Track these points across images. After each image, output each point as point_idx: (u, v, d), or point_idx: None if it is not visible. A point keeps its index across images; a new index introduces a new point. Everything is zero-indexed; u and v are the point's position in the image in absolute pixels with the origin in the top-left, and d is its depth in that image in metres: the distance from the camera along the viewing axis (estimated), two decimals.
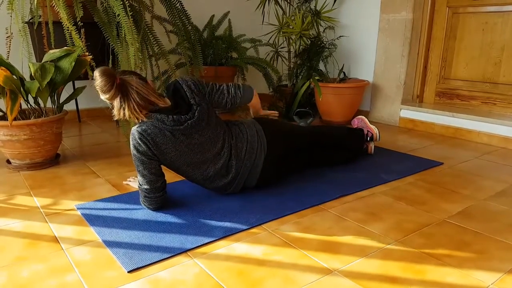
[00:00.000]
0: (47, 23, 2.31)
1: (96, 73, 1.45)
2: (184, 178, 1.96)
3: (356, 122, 2.39)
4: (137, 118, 1.50)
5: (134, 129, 1.52)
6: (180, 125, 1.53)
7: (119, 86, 1.44)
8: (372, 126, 2.31)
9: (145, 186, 1.56)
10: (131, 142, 1.54)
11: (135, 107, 1.47)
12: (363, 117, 2.37)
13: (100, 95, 1.47)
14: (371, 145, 2.36)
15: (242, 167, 1.69)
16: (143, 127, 1.52)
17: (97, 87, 1.45)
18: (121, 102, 1.46)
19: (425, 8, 3.00)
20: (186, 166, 1.61)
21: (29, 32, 2.52)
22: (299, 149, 1.97)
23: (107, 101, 1.49)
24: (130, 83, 1.46)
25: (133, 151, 1.53)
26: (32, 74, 1.89)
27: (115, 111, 1.49)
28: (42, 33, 2.40)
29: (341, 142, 2.16)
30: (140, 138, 1.51)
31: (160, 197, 1.59)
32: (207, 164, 1.63)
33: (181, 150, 1.56)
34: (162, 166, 1.60)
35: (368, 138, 2.30)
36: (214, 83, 1.70)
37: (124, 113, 1.47)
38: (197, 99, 1.58)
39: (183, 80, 1.61)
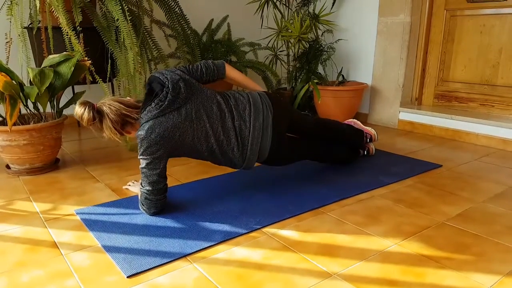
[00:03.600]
0: (46, 28, 2.32)
1: (75, 106, 1.60)
2: (182, 182, 1.97)
3: None
4: (114, 136, 1.61)
5: (136, 134, 1.57)
6: (163, 103, 1.55)
7: (96, 110, 1.58)
8: (368, 128, 2.31)
9: (147, 187, 1.56)
10: (138, 146, 1.57)
11: (110, 125, 1.58)
12: (355, 120, 2.36)
13: (82, 122, 1.59)
14: (372, 146, 2.36)
15: (250, 129, 1.67)
16: (140, 128, 1.55)
17: (76, 116, 1.59)
18: (100, 124, 1.59)
19: (423, 11, 3.01)
20: (197, 139, 1.61)
21: (28, 37, 2.53)
22: (302, 130, 1.97)
23: (92, 129, 1.61)
24: (104, 103, 1.59)
25: (139, 152, 1.57)
26: (31, 79, 1.89)
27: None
28: (41, 38, 2.41)
29: (342, 136, 2.15)
30: (142, 139, 1.53)
31: (160, 200, 1.59)
32: (214, 131, 1.63)
33: (182, 127, 1.57)
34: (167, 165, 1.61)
35: (368, 140, 2.30)
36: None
37: (105, 133, 1.60)
38: (168, 76, 1.61)
39: (157, 71, 1.67)
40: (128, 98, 1.69)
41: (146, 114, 1.55)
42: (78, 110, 1.57)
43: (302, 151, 1.97)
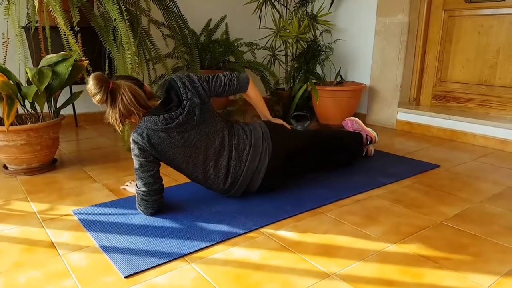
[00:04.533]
0: (44, 28, 2.31)
1: (90, 77, 1.51)
2: (179, 183, 1.96)
3: (350, 125, 2.37)
4: (117, 126, 1.56)
5: (132, 134, 1.56)
6: (172, 122, 1.54)
7: (109, 90, 1.50)
8: (369, 129, 2.31)
9: (143, 188, 1.56)
10: (131, 147, 1.56)
11: (117, 116, 1.53)
12: (357, 119, 2.36)
13: (92, 98, 1.52)
14: (371, 148, 2.36)
15: (244, 170, 1.67)
16: (138, 131, 1.54)
17: (88, 90, 1.51)
18: (109, 107, 1.54)
19: (421, 11, 3.02)
20: (185, 164, 1.61)
21: (25, 37, 2.52)
22: (300, 153, 1.96)
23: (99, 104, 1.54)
24: (119, 88, 1.51)
25: (132, 154, 1.56)
26: (30, 79, 1.89)
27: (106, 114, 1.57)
28: (39, 38, 2.40)
29: (340, 145, 2.16)
30: (136, 142, 1.53)
31: (157, 200, 1.58)
32: (206, 163, 1.63)
33: (177, 149, 1.57)
34: (161, 167, 1.60)
35: (368, 142, 2.30)
36: (208, 75, 1.73)
37: (109, 116, 1.55)
38: (189, 94, 1.58)
39: (178, 77, 1.63)
40: (145, 87, 1.60)
41: (150, 122, 1.53)
42: (92, 87, 1.48)
43: (297, 174, 1.99)
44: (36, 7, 2.14)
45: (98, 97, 1.49)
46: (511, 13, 2.61)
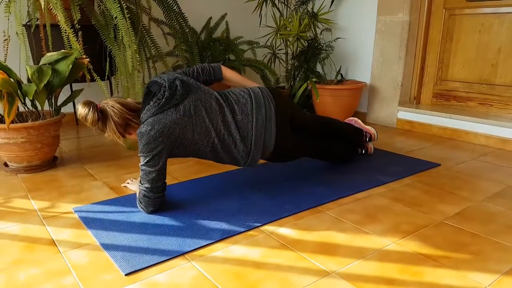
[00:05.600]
0: (44, 26, 2.31)
1: (77, 106, 1.62)
2: (180, 181, 1.97)
3: None
4: (117, 138, 1.64)
5: (137, 131, 1.57)
6: (160, 100, 1.56)
7: (99, 110, 1.59)
8: (368, 127, 2.31)
9: (146, 185, 1.56)
10: (138, 143, 1.57)
11: (114, 128, 1.61)
12: (356, 119, 2.37)
13: (85, 122, 1.61)
14: (371, 146, 2.36)
15: (253, 123, 1.67)
16: (144, 126, 1.55)
17: (79, 116, 1.61)
18: (103, 125, 1.62)
19: (422, 10, 3.01)
20: (197, 135, 1.61)
21: (26, 35, 2.52)
22: (304, 126, 1.96)
23: (93, 128, 1.63)
24: (107, 105, 1.61)
25: (139, 148, 1.57)
26: (29, 77, 1.89)
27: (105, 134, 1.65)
28: (39, 36, 2.40)
29: (342, 133, 2.16)
30: (142, 135, 1.54)
31: (158, 198, 1.59)
32: (214, 125, 1.63)
33: (181, 122, 1.57)
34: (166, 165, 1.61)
35: (367, 139, 2.30)
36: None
37: (108, 134, 1.63)
38: (164, 77, 1.64)
39: (156, 76, 1.70)
40: (129, 99, 1.70)
41: (145, 113, 1.56)
42: (81, 110, 1.58)
43: (304, 146, 1.96)
44: (43, 6, 2.14)
45: (90, 117, 1.57)
46: None
